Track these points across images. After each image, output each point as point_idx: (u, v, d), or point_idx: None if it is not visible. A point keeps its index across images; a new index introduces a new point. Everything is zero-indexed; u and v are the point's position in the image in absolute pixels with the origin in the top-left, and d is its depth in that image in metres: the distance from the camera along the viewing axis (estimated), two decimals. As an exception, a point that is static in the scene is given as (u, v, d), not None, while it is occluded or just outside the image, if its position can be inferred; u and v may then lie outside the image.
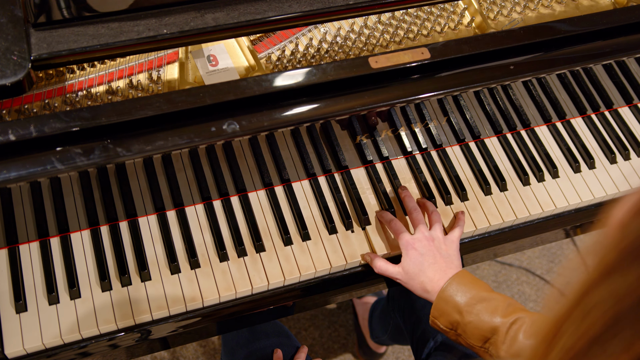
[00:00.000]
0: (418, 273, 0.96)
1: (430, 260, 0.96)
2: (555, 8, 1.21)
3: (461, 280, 0.92)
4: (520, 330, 0.86)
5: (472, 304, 0.90)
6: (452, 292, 0.91)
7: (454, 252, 0.99)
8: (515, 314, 0.88)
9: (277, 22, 0.96)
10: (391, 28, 1.14)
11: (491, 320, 0.88)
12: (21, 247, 0.98)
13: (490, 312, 0.89)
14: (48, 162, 0.86)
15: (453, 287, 0.92)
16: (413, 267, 0.96)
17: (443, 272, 0.95)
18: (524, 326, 0.86)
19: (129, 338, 0.97)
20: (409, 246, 0.97)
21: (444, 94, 1.06)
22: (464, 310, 0.90)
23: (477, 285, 0.92)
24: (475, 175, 1.14)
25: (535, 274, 2.10)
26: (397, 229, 1.01)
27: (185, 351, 1.86)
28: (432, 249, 0.97)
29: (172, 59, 1.04)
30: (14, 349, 0.91)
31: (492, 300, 0.90)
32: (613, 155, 1.20)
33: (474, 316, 0.89)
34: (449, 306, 0.91)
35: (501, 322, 0.87)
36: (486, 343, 0.89)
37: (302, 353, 1.18)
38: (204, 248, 1.02)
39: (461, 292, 0.91)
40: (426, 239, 0.98)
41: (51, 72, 0.99)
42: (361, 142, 1.11)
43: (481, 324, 0.89)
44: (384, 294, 1.84)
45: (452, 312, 0.91)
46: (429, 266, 0.95)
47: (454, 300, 0.91)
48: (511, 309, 0.89)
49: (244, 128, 0.94)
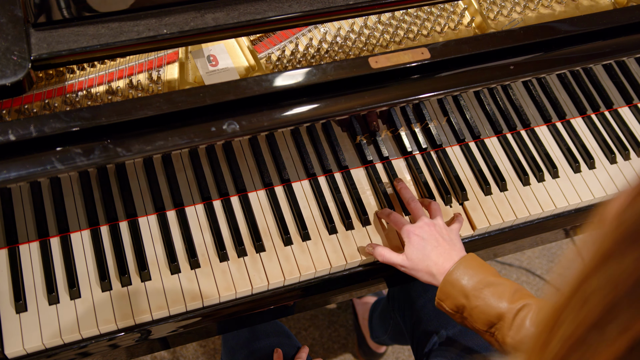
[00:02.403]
0: (422, 258, 0.95)
1: (433, 243, 0.95)
2: (555, 8, 1.21)
3: (468, 263, 0.92)
4: (527, 317, 0.85)
5: (479, 288, 0.89)
6: (458, 276, 0.91)
7: (455, 237, 0.98)
8: (523, 300, 0.87)
9: (277, 22, 0.96)
10: (391, 28, 1.14)
11: (498, 305, 0.87)
12: (21, 247, 0.98)
13: (497, 297, 0.88)
14: (48, 162, 0.86)
15: (460, 270, 0.91)
16: (417, 253, 0.96)
17: (448, 255, 0.94)
18: (531, 313, 0.85)
19: (129, 338, 0.97)
20: (410, 233, 0.97)
21: (444, 94, 1.06)
22: (471, 295, 0.89)
23: (484, 270, 0.91)
24: (475, 175, 1.14)
25: (535, 274, 2.10)
26: (397, 220, 1.01)
27: (185, 351, 1.86)
28: (434, 233, 0.96)
29: (172, 59, 1.04)
30: (14, 349, 0.91)
31: (499, 285, 0.89)
32: (613, 156, 1.20)
33: (480, 300, 0.88)
34: (455, 289, 0.90)
35: (508, 308, 0.87)
36: (492, 328, 0.88)
37: (303, 353, 1.18)
38: (204, 248, 1.02)
39: (468, 276, 0.90)
40: (427, 225, 0.97)
41: (51, 72, 0.99)
42: (361, 142, 1.11)
43: (488, 308, 0.88)
44: (384, 294, 1.84)
45: (458, 295, 0.90)
46: (432, 249, 0.95)
47: (461, 284, 0.90)
48: (518, 295, 0.88)
49: (244, 128, 0.94)
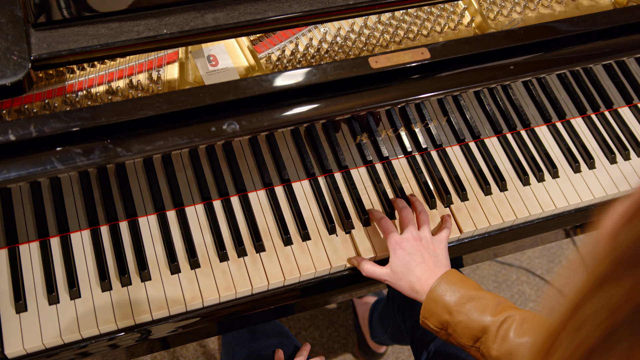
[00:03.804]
0: (406, 273, 0.95)
1: (418, 259, 0.95)
2: (555, 8, 1.21)
3: (450, 279, 0.92)
4: (510, 329, 0.85)
5: (462, 303, 0.89)
6: (441, 292, 0.91)
7: (442, 252, 0.98)
8: (505, 312, 0.87)
9: (277, 22, 0.96)
10: (391, 28, 1.14)
11: (481, 319, 0.88)
12: (21, 247, 0.98)
13: (480, 311, 0.88)
14: (48, 162, 0.86)
15: (442, 286, 0.91)
16: (401, 267, 0.95)
17: (431, 272, 0.94)
18: (514, 324, 0.86)
19: (129, 338, 0.97)
20: (397, 246, 0.97)
21: (444, 94, 1.06)
22: (454, 310, 0.89)
23: (466, 284, 0.92)
24: (475, 175, 1.14)
25: (535, 274, 2.10)
26: (386, 228, 1.01)
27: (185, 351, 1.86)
28: (420, 248, 0.96)
29: (172, 59, 1.04)
30: (14, 349, 0.91)
31: (481, 299, 0.89)
32: (613, 155, 1.20)
33: (463, 315, 0.89)
34: (439, 306, 0.91)
35: (491, 321, 0.87)
36: (477, 342, 0.89)
37: (305, 351, 1.18)
38: (204, 248, 1.02)
39: (450, 292, 0.90)
40: (414, 239, 0.97)
41: (51, 72, 0.99)
42: (361, 142, 1.11)
43: (471, 323, 0.88)
44: (384, 294, 1.84)
45: (441, 312, 0.91)
46: (416, 265, 0.95)
47: (444, 300, 0.90)
48: (500, 307, 0.88)
49: (244, 128, 0.94)
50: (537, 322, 0.86)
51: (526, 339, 0.84)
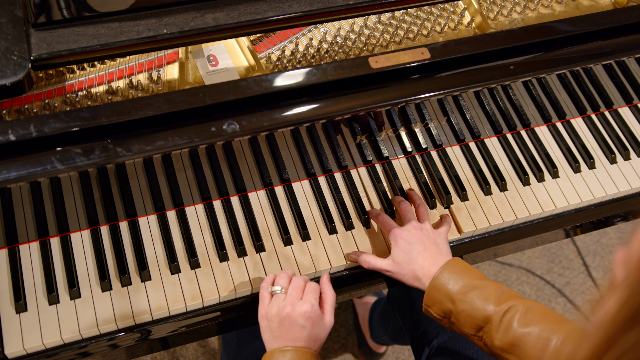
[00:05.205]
0: (408, 261, 0.95)
1: (419, 247, 0.95)
2: (555, 8, 1.21)
3: (453, 268, 0.92)
4: (514, 319, 0.85)
5: (465, 292, 0.89)
6: (444, 280, 0.90)
7: (442, 242, 0.98)
8: (509, 301, 0.87)
9: (277, 22, 0.96)
10: (391, 28, 1.14)
11: (484, 308, 0.87)
12: (21, 247, 0.99)
13: (483, 300, 0.88)
14: (48, 162, 0.86)
15: (445, 275, 0.91)
16: (403, 256, 0.95)
17: (434, 259, 0.94)
18: (518, 314, 0.85)
19: (129, 338, 0.97)
20: (397, 237, 0.97)
21: (444, 94, 1.06)
22: (457, 299, 0.89)
23: (469, 273, 0.91)
24: (475, 175, 1.14)
25: (535, 274, 2.10)
26: (385, 222, 1.01)
27: (185, 351, 1.86)
28: (421, 237, 0.96)
29: (172, 59, 1.04)
30: (14, 349, 0.91)
31: (484, 288, 0.89)
32: (613, 155, 1.20)
33: (466, 304, 0.88)
34: (442, 294, 0.90)
35: (494, 310, 0.86)
36: (480, 331, 0.88)
37: None
38: (204, 248, 1.02)
39: (453, 280, 0.90)
40: (415, 228, 0.97)
41: (51, 72, 0.99)
42: (361, 142, 1.11)
43: (474, 312, 0.88)
44: (384, 294, 1.84)
45: (444, 300, 0.90)
46: (418, 254, 0.95)
47: (447, 289, 0.90)
48: (504, 296, 0.88)
49: (244, 128, 0.94)
50: (541, 312, 0.85)
51: (530, 329, 0.84)
